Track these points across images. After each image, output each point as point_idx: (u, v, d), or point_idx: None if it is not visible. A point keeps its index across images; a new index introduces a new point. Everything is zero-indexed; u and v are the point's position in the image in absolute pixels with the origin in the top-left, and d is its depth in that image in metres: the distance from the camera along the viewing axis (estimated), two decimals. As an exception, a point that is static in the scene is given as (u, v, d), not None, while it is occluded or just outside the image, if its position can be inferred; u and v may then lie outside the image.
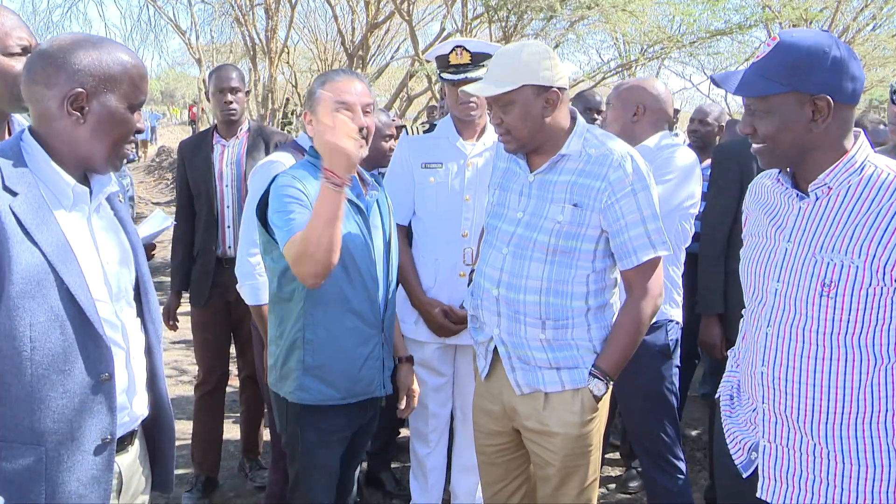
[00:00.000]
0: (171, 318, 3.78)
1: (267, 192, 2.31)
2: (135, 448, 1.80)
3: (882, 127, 4.21)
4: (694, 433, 4.63)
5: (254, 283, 2.80)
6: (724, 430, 1.99)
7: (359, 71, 14.92)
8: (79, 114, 1.59)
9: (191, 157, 3.68)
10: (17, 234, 1.50)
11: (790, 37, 1.72)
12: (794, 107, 1.69)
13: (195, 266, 3.69)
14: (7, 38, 2.00)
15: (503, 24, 11.31)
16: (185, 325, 3.91)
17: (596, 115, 4.21)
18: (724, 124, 4.69)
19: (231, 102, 3.58)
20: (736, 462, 1.92)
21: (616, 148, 2.28)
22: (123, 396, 1.69)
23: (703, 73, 13.66)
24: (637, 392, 3.04)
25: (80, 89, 1.57)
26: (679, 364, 3.13)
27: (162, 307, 3.70)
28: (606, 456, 4.26)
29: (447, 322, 2.99)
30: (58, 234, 1.55)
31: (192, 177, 3.66)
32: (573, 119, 2.34)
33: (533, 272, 2.27)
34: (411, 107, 14.48)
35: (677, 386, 3.11)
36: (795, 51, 1.69)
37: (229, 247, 3.59)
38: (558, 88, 2.25)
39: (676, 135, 3.46)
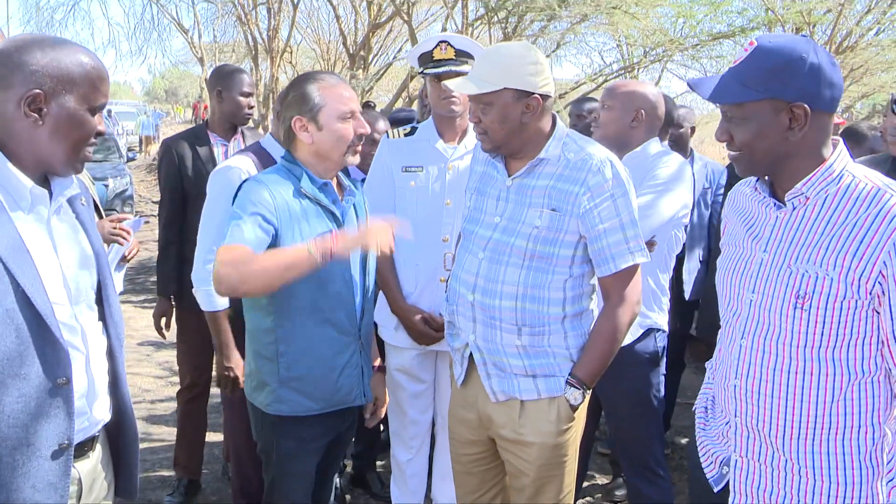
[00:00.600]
0: (167, 325, 3.73)
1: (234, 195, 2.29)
2: (96, 453, 1.78)
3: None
4: (684, 441, 4.58)
5: (208, 289, 2.70)
6: (698, 443, 1.95)
7: (360, 72, 14.98)
8: (37, 115, 1.56)
9: (189, 156, 3.58)
10: None
11: (768, 42, 1.69)
12: (771, 114, 1.65)
13: (188, 270, 3.60)
14: None
15: (503, 25, 11.28)
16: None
17: None
18: (694, 125, 4.64)
19: (253, 107, 3.61)
20: (707, 476, 1.88)
21: (595, 153, 2.25)
22: (83, 401, 1.67)
23: (705, 76, 13.58)
24: (624, 399, 3.02)
25: (37, 90, 1.55)
26: (665, 371, 3.10)
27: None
28: (594, 463, 4.23)
29: (428, 329, 2.94)
30: (13, 236, 1.53)
31: (191, 177, 3.55)
32: (553, 123, 2.30)
33: (509, 277, 2.24)
34: (412, 106, 14.44)
35: (663, 393, 3.08)
36: (773, 57, 1.65)
37: None
38: (541, 95, 2.22)
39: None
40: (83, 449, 1.72)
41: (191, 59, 21.50)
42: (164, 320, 3.70)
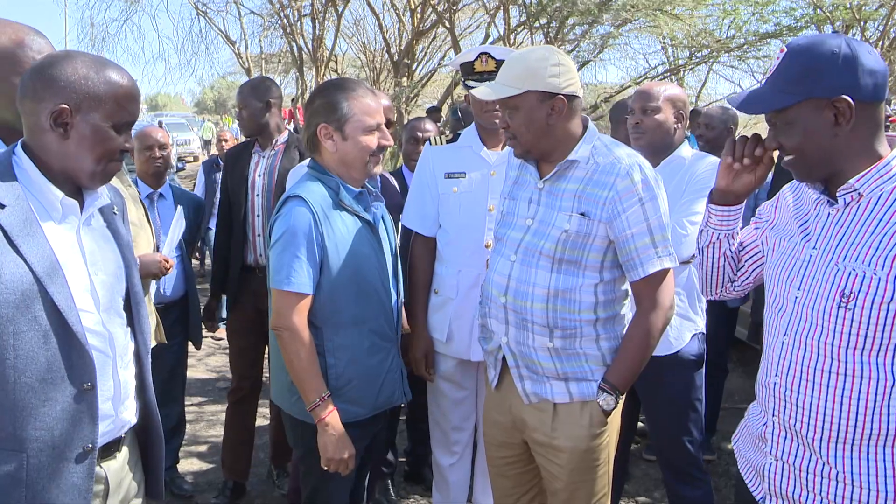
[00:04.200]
0: (212, 320, 3.91)
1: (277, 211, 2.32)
2: (123, 454, 1.82)
3: None
4: (730, 447, 4.51)
5: None
6: (738, 459, 1.94)
7: (404, 80, 15.07)
8: (62, 129, 1.62)
9: (231, 166, 3.75)
10: (3, 245, 1.53)
11: (797, 45, 1.66)
12: (813, 114, 1.61)
13: (231, 273, 3.73)
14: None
15: (545, 30, 11.26)
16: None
17: None
18: (732, 126, 4.58)
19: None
20: (751, 490, 1.85)
21: (624, 157, 2.24)
22: (108, 404, 1.71)
23: (752, 77, 13.40)
24: (666, 403, 3.01)
25: (63, 105, 1.60)
26: (708, 375, 3.09)
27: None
28: (637, 468, 4.20)
29: (422, 365, 3.03)
30: (44, 247, 1.58)
31: (230, 186, 3.73)
32: (585, 127, 2.31)
33: (540, 280, 2.24)
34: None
35: (703, 396, 3.06)
36: (803, 57, 1.62)
37: (260, 255, 3.62)
38: (566, 96, 2.22)
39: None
40: (110, 449, 1.76)
41: (238, 70, 21.87)
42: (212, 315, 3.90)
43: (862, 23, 10.79)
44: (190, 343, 3.95)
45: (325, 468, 2.28)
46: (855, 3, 10.25)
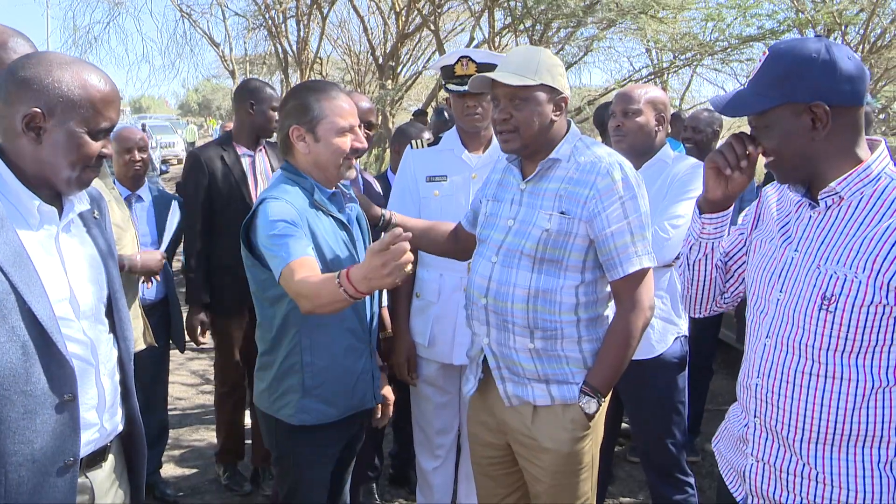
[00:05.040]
0: (203, 334, 3.78)
1: (253, 214, 2.28)
2: (109, 463, 1.79)
3: None
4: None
5: None
6: (718, 460, 1.95)
7: (389, 82, 15.07)
8: (34, 134, 1.56)
9: (218, 166, 3.65)
10: None
11: (778, 48, 1.67)
12: (792, 118, 1.63)
13: (221, 277, 3.68)
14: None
15: (530, 33, 11.29)
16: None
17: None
18: (718, 129, 4.60)
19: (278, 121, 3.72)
20: (732, 492, 1.86)
21: (605, 156, 2.24)
22: (93, 413, 1.68)
23: (736, 80, 13.48)
24: (650, 405, 3.02)
25: (36, 109, 1.55)
26: (692, 377, 3.10)
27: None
28: (622, 470, 4.21)
29: (405, 369, 3.03)
30: (18, 254, 1.53)
31: (220, 187, 3.63)
32: (568, 127, 2.33)
33: (521, 280, 2.24)
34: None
35: (687, 398, 3.07)
36: (783, 61, 1.63)
37: None
38: (563, 98, 2.27)
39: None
40: (95, 459, 1.72)
41: (223, 72, 21.82)
42: (199, 329, 3.76)
43: (843, 27, 10.89)
44: (172, 347, 3.93)
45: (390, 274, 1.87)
46: (836, 8, 10.34)
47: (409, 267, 1.87)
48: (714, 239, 1.93)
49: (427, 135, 3.89)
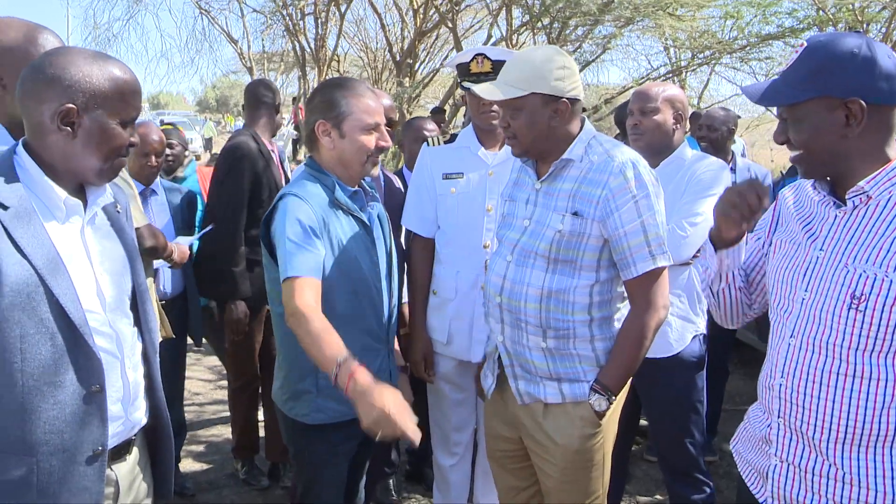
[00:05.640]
0: (242, 327, 3.78)
1: (273, 209, 2.31)
2: (133, 456, 1.81)
3: None
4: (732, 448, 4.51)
5: None
6: (737, 461, 1.94)
7: (406, 80, 15.07)
8: (69, 129, 1.60)
9: (262, 164, 3.70)
10: (7, 247, 1.51)
11: (817, 41, 1.64)
12: (825, 112, 1.61)
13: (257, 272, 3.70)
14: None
15: (548, 31, 11.26)
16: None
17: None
18: (733, 127, 4.56)
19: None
20: (753, 492, 1.85)
21: (618, 155, 2.23)
22: (118, 406, 1.70)
23: (755, 79, 13.38)
24: (668, 404, 3.01)
25: (69, 105, 1.58)
26: (709, 377, 3.09)
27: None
28: (639, 469, 4.20)
29: (422, 366, 3.02)
30: (48, 247, 1.56)
31: (265, 183, 3.68)
32: (582, 126, 2.31)
33: (534, 280, 2.24)
34: (458, 114, 14.52)
35: (705, 398, 3.07)
36: (821, 54, 1.61)
37: None
38: (569, 99, 2.22)
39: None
40: (120, 452, 1.75)
41: (240, 68, 21.87)
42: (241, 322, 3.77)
43: (865, 25, 10.77)
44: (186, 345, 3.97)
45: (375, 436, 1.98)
46: (858, 6, 10.23)
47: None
48: (733, 268, 1.94)
49: (432, 126, 3.91)
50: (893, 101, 1.60)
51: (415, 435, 1.90)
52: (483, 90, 2.29)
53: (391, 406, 1.90)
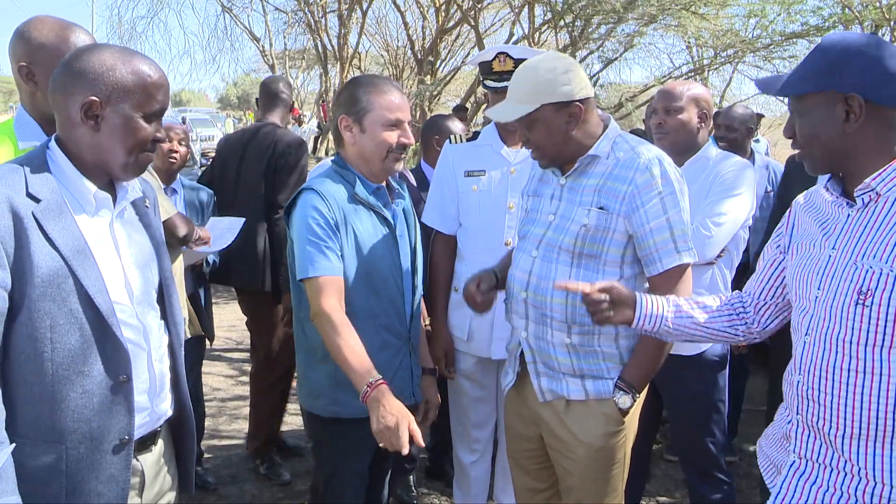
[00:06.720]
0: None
1: (293, 202, 2.34)
2: (158, 447, 1.84)
3: None
4: (752, 448, 4.49)
5: None
6: (758, 456, 1.94)
7: (427, 77, 15.08)
8: (93, 122, 1.63)
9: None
10: (39, 238, 1.55)
11: (831, 38, 1.68)
12: (827, 106, 1.63)
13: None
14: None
15: (570, 29, 11.22)
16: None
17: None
18: (752, 126, 4.49)
19: None
20: (768, 485, 1.86)
21: (644, 152, 2.24)
22: (144, 396, 1.73)
23: (778, 77, 13.24)
24: (690, 404, 3.00)
25: (93, 98, 1.62)
26: (729, 377, 3.07)
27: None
28: (658, 468, 4.19)
29: (443, 363, 3.02)
30: (77, 239, 1.60)
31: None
32: (606, 124, 2.32)
33: (560, 275, 2.24)
34: (480, 111, 14.53)
35: (727, 398, 3.05)
36: (833, 50, 1.64)
37: None
38: (580, 101, 2.21)
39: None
40: (146, 443, 1.78)
41: (262, 66, 22.02)
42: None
43: (892, 22, 10.65)
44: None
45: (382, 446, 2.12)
46: (885, 3, 10.12)
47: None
48: (675, 323, 1.98)
49: (458, 125, 3.92)
50: (893, 101, 1.62)
51: (404, 450, 2.05)
52: (495, 113, 2.32)
53: (393, 422, 2.05)
